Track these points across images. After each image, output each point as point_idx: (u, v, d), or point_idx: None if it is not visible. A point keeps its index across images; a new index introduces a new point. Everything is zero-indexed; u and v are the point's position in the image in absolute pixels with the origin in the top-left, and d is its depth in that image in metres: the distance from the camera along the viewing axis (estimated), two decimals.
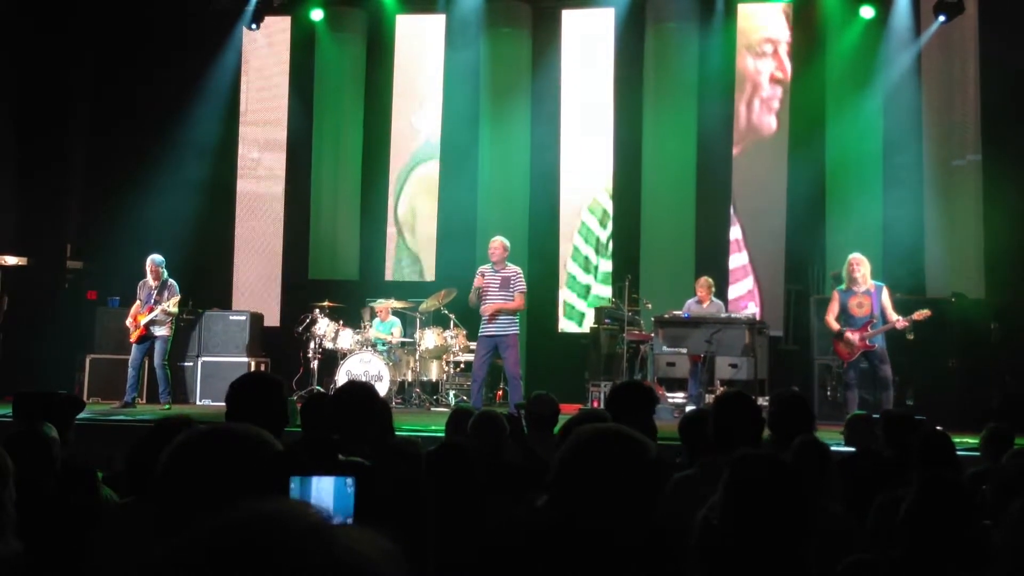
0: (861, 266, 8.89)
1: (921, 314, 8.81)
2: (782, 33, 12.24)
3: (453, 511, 3.09)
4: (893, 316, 8.83)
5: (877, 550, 2.73)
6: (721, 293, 11.29)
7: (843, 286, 9.02)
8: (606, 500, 1.97)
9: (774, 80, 12.23)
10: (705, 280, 10.37)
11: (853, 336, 8.84)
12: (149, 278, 10.05)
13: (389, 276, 12.77)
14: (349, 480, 2.74)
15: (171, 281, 10.08)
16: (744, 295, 11.96)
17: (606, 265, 12.41)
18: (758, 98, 12.28)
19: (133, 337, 10.01)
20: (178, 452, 1.69)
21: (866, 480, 3.89)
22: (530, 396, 5.46)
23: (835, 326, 8.97)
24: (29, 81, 12.26)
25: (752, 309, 11.42)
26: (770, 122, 12.21)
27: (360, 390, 3.99)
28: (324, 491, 2.79)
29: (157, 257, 10.12)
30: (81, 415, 4.66)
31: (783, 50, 12.22)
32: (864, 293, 8.88)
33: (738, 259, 12.12)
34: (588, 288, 12.46)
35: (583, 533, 1.92)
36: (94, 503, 3.42)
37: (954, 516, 2.50)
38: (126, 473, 2.74)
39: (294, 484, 2.72)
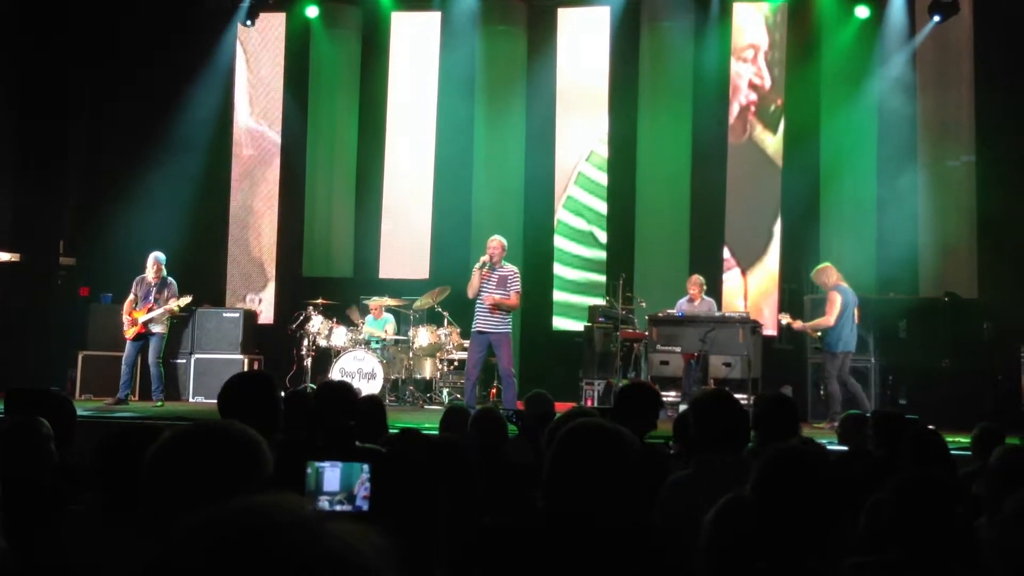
0: (814, 275, 9.78)
1: (801, 325, 9.76)
2: (777, 32, 12.24)
3: (450, 506, 3.09)
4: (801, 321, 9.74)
5: (870, 551, 2.73)
6: (716, 291, 11.32)
7: None
8: (595, 491, 2.10)
9: (768, 79, 12.23)
10: (696, 278, 10.42)
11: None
12: (149, 274, 10.03)
13: (383, 274, 12.75)
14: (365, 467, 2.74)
15: (171, 280, 10.08)
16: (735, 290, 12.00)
17: (599, 262, 12.39)
18: (753, 97, 12.28)
19: (130, 334, 9.98)
20: (162, 451, 1.68)
21: (858, 480, 3.89)
22: (528, 395, 5.49)
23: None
24: (26, 79, 12.24)
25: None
26: (764, 121, 12.21)
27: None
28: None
29: (160, 255, 10.12)
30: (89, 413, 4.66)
31: (778, 49, 12.23)
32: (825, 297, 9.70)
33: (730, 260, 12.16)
34: (575, 282, 12.44)
35: (577, 525, 2.00)
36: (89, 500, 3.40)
37: (936, 513, 2.50)
38: (94, 475, 2.72)
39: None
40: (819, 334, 9.53)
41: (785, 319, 9.77)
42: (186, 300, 10.13)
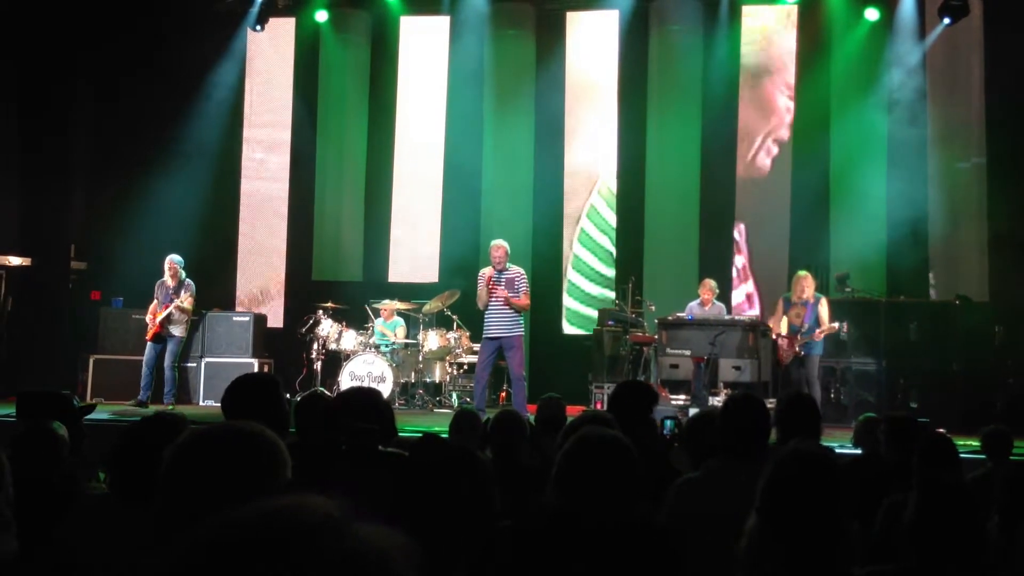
0: (802, 282, 9.66)
1: (822, 332, 9.48)
2: (787, 35, 12.23)
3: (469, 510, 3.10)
4: (824, 327, 9.57)
5: (884, 556, 2.72)
6: (725, 295, 11.30)
7: (789, 295, 9.78)
8: (599, 492, 2.33)
9: (778, 82, 12.22)
10: (709, 283, 10.39)
11: (783, 343, 9.65)
12: (167, 277, 10.10)
13: (392, 277, 12.76)
14: None
15: (188, 281, 10.15)
16: (743, 301, 11.97)
17: (607, 272, 12.39)
18: (762, 100, 12.27)
19: (148, 335, 10.08)
20: (181, 451, 1.68)
21: (870, 485, 3.87)
22: (540, 399, 5.47)
23: (775, 330, 9.78)
24: (32, 81, 12.27)
25: (753, 312, 11.49)
26: (774, 124, 12.20)
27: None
28: None
29: (176, 257, 10.18)
30: (91, 414, 4.67)
31: (787, 52, 12.21)
32: (802, 305, 9.59)
33: (739, 261, 12.14)
34: (591, 293, 12.45)
35: (584, 522, 2.14)
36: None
37: (958, 519, 2.49)
38: (109, 472, 2.73)
39: None
40: (805, 340, 9.51)
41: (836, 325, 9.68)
42: (188, 297, 10.11)
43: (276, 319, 12.73)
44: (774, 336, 9.73)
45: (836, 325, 9.56)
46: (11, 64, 12.19)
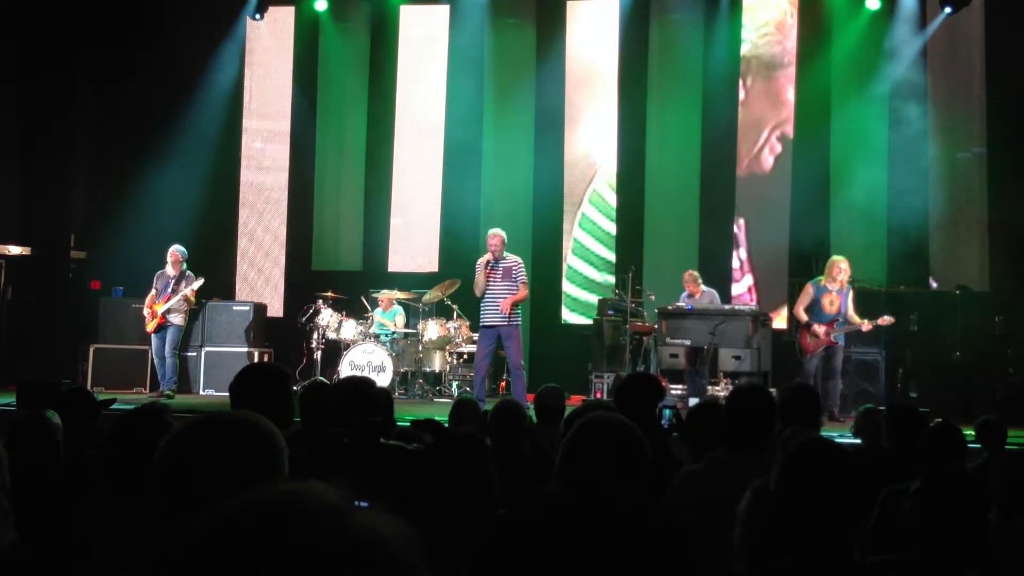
0: (840, 266, 9.44)
1: (885, 320, 9.39)
2: (787, 24, 12.19)
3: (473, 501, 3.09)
4: (856, 318, 9.41)
5: (883, 545, 2.72)
6: (725, 288, 11.29)
7: (819, 280, 9.53)
8: (605, 478, 2.28)
9: (779, 71, 12.18)
10: (691, 274, 10.41)
11: (820, 330, 9.35)
12: (168, 268, 10.12)
13: (392, 267, 12.76)
14: None
15: (189, 273, 10.16)
16: (744, 292, 11.96)
17: (610, 256, 12.38)
18: (763, 89, 12.24)
19: (151, 327, 10.07)
20: (176, 441, 1.67)
21: (871, 475, 3.87)
22: (540, 389, 5.45)
23: (804, 317, 9.50)
24: (33, 70, 12.23)
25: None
26: (775, 113, 12.17)
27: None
28: None
29: (180, 248, 10.22)
30: (115, 405, 4.67)
31: (788, 41, 12.18)
32: (836, 292, 9.42)
33: (737, 254, 12.13)
34: (591, 280, 12.44)
35: (588, 511, 2.14)
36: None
37: (963, 508, 2.49)
38: (107, 461, 2.73)
39: None
40: (844, 331, 9.45)
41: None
42: (198, 283, 10.17)
43: (276, 308, 12.73)
44: (802, 321, 9.46)
45: (891, 318, 9.40)
46: (13, 50, 12.15)
